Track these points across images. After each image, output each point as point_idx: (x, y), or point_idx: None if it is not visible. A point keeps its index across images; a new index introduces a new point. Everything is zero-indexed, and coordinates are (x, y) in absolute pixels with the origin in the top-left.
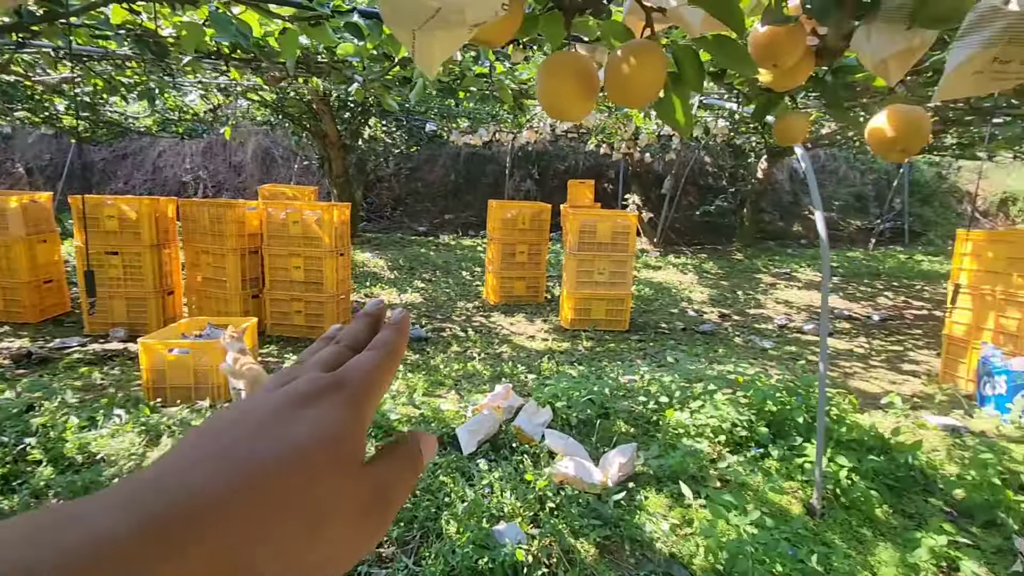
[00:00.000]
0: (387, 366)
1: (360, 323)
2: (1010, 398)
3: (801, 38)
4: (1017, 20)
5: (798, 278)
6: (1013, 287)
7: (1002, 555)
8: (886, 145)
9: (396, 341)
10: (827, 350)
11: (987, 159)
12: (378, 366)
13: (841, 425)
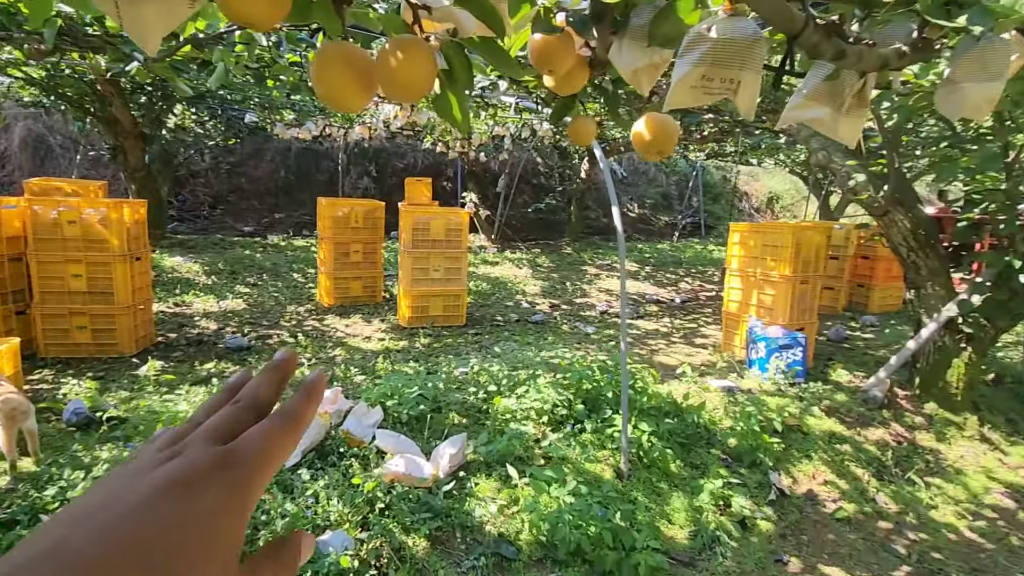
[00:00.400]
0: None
1: (266, 379)
2: (768, 359)
3: (570, 48)
4: (715, 46)
5: (617, 268)
6: (767, 269)
7: (763, 488)
8: (645, 146)
9: (303, 411)
10: (627, 332)
11: (756, 164)
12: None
13: (643, 395)
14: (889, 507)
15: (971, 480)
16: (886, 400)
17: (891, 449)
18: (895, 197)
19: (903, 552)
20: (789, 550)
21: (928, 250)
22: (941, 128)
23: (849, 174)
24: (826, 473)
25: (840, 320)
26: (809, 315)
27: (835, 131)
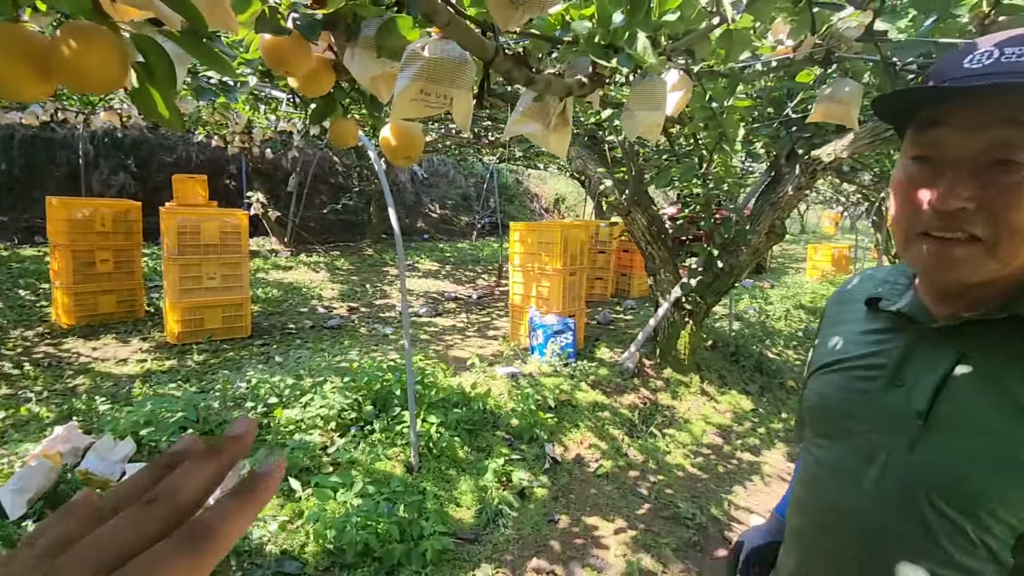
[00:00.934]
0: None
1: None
2: (545, 345)
3: (305, 50)
4: (428, 64)
5: (419, 268)
6: (543, 264)
7: (539, 460)
8: (393, 152)
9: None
10: (409, 328)
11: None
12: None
13: (432, 389)
14: (637, 458)
15: (694, 427)
16: (636, 370)
17: (639, 410)
18: (634, 199)
19: (645, 493)
20: (560, 510)
21: (659, 243)
22: (662, 144)
23: (600, 179)
24: (591, 438)
25: (608, 306)
26: (578, 303)
27: (547, 144)
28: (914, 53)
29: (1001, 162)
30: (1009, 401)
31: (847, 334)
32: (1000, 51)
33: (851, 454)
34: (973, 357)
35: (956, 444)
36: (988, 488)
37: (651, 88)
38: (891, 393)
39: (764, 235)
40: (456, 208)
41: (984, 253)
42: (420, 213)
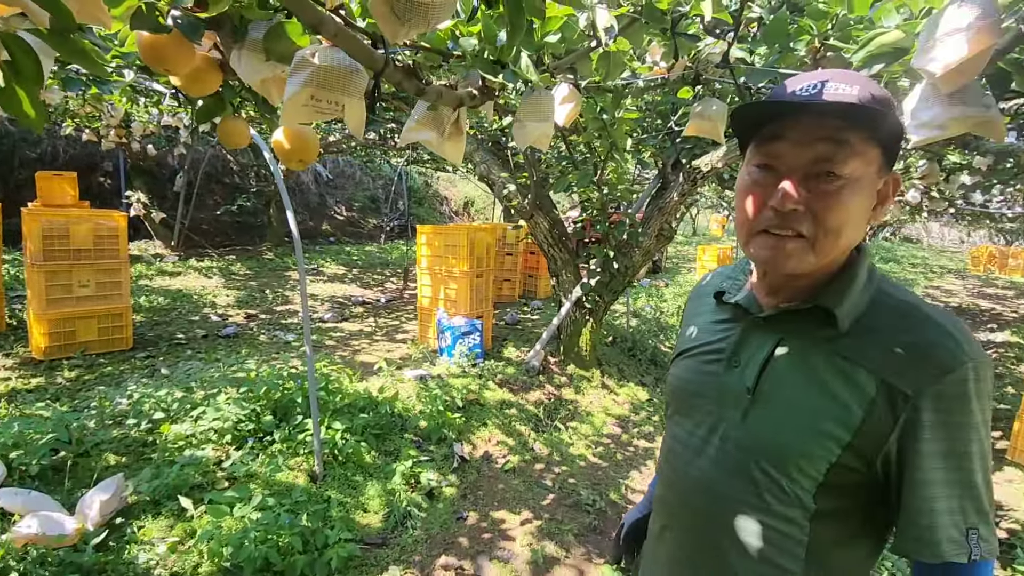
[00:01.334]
0: None
1: None
2: (454, 346)
3: (187, 49)
4: (318, 71)
5: (324, 272)
6: (450, 266)
7: (448, 459)
8: (286, 155)
9: None
10: (312, 335)
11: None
12: None
13: (337, 395)
14: (542, 452)
15: (595, 418)
16: (542, 367)
17: (544, 405)
18: (536, 204)
19: (550, 484)
20: (468, 507)
21: (561, 246)
22: (561, 151)
23: (504, 184)
24: (498, 435)
25: (516, 306)
26: (486, 304)
27: (443, 151)
28: (763, 79)
29: (824, 172)
30: (814, 378)
31: (701, 324)
32: (822, 84)
33: (699, 427)
34: (789, 341)
35: (774, 414)
36: (795, 449)
37: (539, 101)
38: (729, 373)
39: (654, 237)
40: (363, 210)
41: (807, 248)
42: (325, 215)
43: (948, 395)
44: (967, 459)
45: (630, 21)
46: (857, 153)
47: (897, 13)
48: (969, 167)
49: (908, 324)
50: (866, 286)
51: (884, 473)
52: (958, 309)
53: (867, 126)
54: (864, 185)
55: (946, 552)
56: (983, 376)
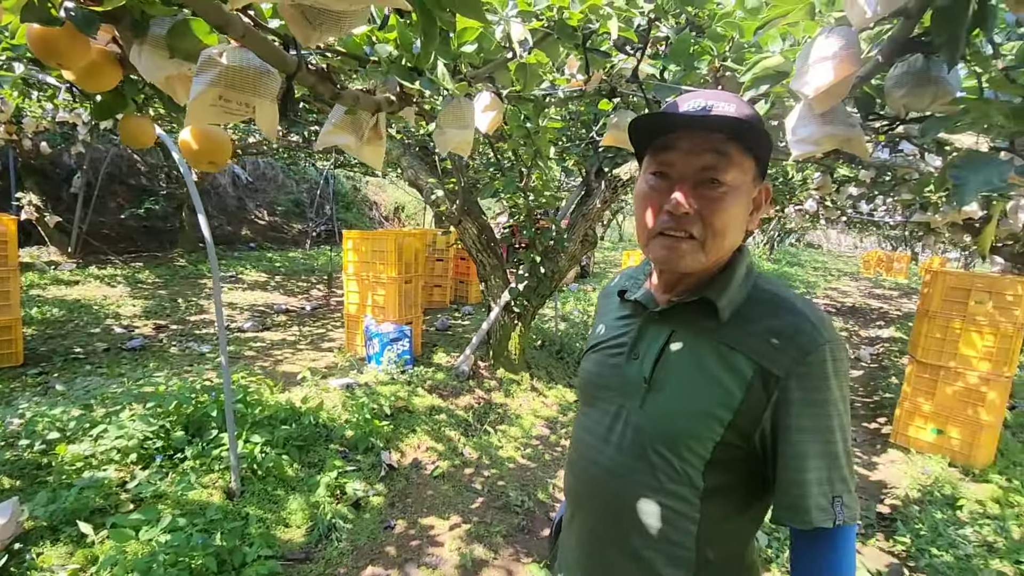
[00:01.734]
0: None
1: None
2: (382, 353)
3: (81, 43)
4: (227, 71)
5: (243, 279)
6: (378, 272)
7: (375, 469)
8: (195, 157)
9: None
10: (228, 345)
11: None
12: None
13: (256, 407)
14: (472, 456)
15: (525, 421)
16: (471, 372)
17: (474, 410)
18: (465, 209)
19: (479, 488)
20: (396, 515)
21: (489, 251)
22: (489, 158)
23: (432, 189)
24: (428, 441)
25: (447, 312)
26: (415, 310)
27: (362, 155)
28: (670, 95)
29: (711, 180)
30: (701, 365)
31: (607, 321)
32: (707, 103)
33: (605, 416)
34: (680, 333)
35: (667, 400)
36: (685, 430)
37: (460, 108)
38: (630, 365)
39: (579, 243)
40: (287, 215)
41: (698, 248)
42: (244, 220)
43: (810, 375)
44: (830, 432)
45: (544, 35)
46: (736, 163)
47: (782, 40)
48: (856, 179)
49: (777, 313)
50: (744, 281)
51: (761, 448)
52: (852, 309)
53: (744, 140)
54: (742, 192)
55: (815, 519)
56: (838, 356)
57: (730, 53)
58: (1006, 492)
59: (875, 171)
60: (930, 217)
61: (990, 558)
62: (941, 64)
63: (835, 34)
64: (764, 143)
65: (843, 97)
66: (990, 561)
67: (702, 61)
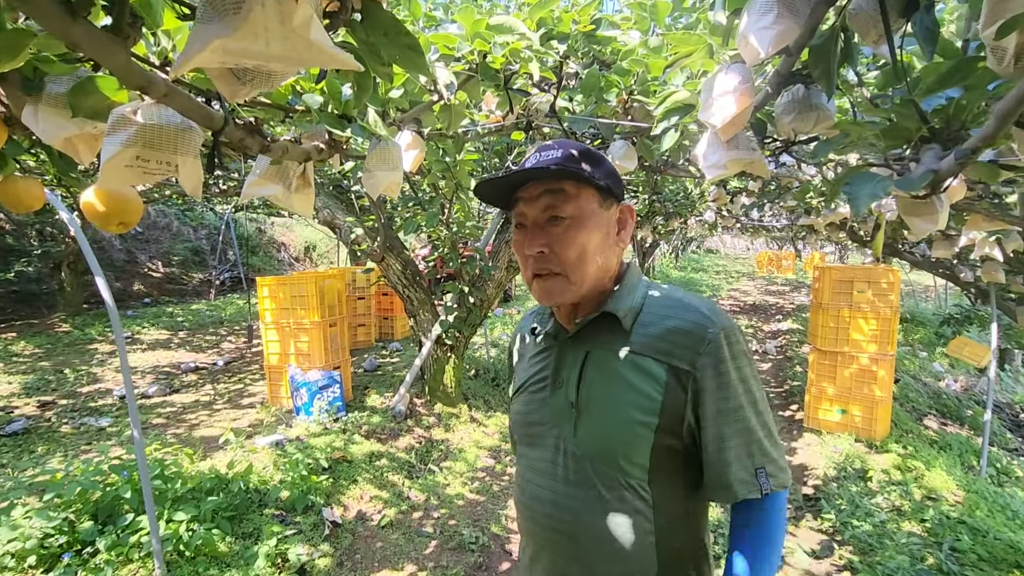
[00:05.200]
0: None
1: None
2: (311, 403)
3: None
4: (143, 129)
5: (141, 340)
6: (299, 317)
7: (317, 528)
8: (101, 218)
9: None
10: (137, 412)
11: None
12: None
13: (176, 481)
14: (419, 498)
15: (468, 454)
16: (408, 411)
17: (415, 450)
18: (387, 246)
19: (431, 531)
20: (346, 575)
21: (415, 285)
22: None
23: (350, 228)
24: (371, 490)
25: (374, 351)
26: (342, 353)
27: (291, 205)
28: (585, 126)
29: (553, 218)
30: (618, 377)
31: (525, 362)
32: (538, 155)
33: (545, 452)
34: (594, 352)
35: (595, 419)
36: (618, 443)
37: (387, 151)
38: (556, 395)
39: (504, 269)
40: (186, 265)
41: (565, 281)
42: (136, 274)
43: (713, 362)
44: (741, 410)
45: (467, 77)
46: (571, 197)
47: (681, 72)
48: (746, 190)
49: (672, 312)
50: (636, 290)
51: (691, 440)
52: (753, 306)
53: (574, 175)
54: (588, 218)
55: (739, 492)
56: (733, 339)
57: (636, 86)
58: (904, 459)
59: (762, 181)
60: (813, 220)
61: (900, 521)
62: (820, 92)
63: (732, 71)
64: (597, 171)
65: (744, 125)
66: (901, 524)
67: (611, 93)
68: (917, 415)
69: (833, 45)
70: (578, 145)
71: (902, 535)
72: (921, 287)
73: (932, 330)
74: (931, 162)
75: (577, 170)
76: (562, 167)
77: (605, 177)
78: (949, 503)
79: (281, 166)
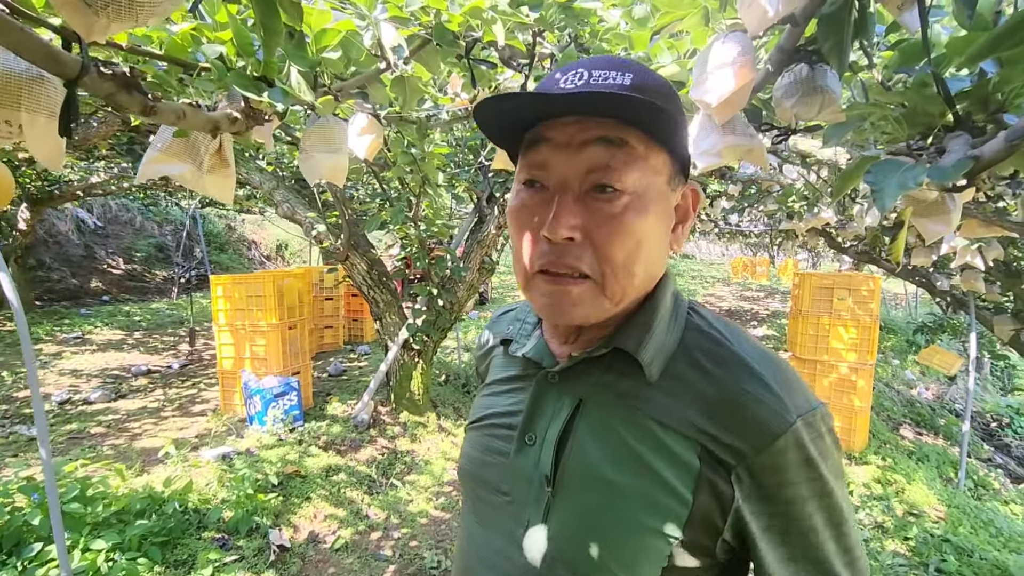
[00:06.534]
0: None
1: None
2: (265, 412)
3: None
4: None
5: (92, 340)
6: (255, 320)
7: (262, 553)
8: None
9: None
10: (45, 422)
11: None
12: None
13: (98, 503)
14: (378, 517)
15: (435, 466)
16: (372, 420)
17: (377, 463)
18: (351, 243)
19: (389, 554)
20: None
21: (382, 287)
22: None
23: (312, 224)
24: (326, 507)
25: (341, 354)
26: (302, 358)
27: (204, 187)
28: None
29: (600, 187)
30: (627, 453)
31: (490, 384)
32: (589, 72)
33: (495, 535)
34: (590, 404)
35: (582, 510)
36: (616, 558)
37: (328, 129)
38: (523, 454)
39: (476, 270)
40: (149, 261)
41: (596, 292)
42: (94, 270)
43: (775, 466)
44: (813, 534)
45: (422, 43)
46: (639, 159)
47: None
48: (726, 193)
49: (721, 370)
50: (672, 320)
51: (730, 558)
52: (729, 312)
53: (650, 124)
54: (653, 200)
55: None
56: (818, 430)
57: None
58: (884, 471)
59: (742, 185)
60: (795, 224)
61: (884, 540)
62: (825, 73)
63: (731, 40)
64: (680, 126)
65: (743, 106)
66: (885, 543)
67: None
68: (893, 424)
69: (847, 14)
70: (653, 75)
71: (887, 555)
72: (891, 294)
73: (904, 338)
74: (963, 149)
75: (661, 116)
76: (640, 104)
77: (680, 138)
78: (931, 519)
79: (189, 139)
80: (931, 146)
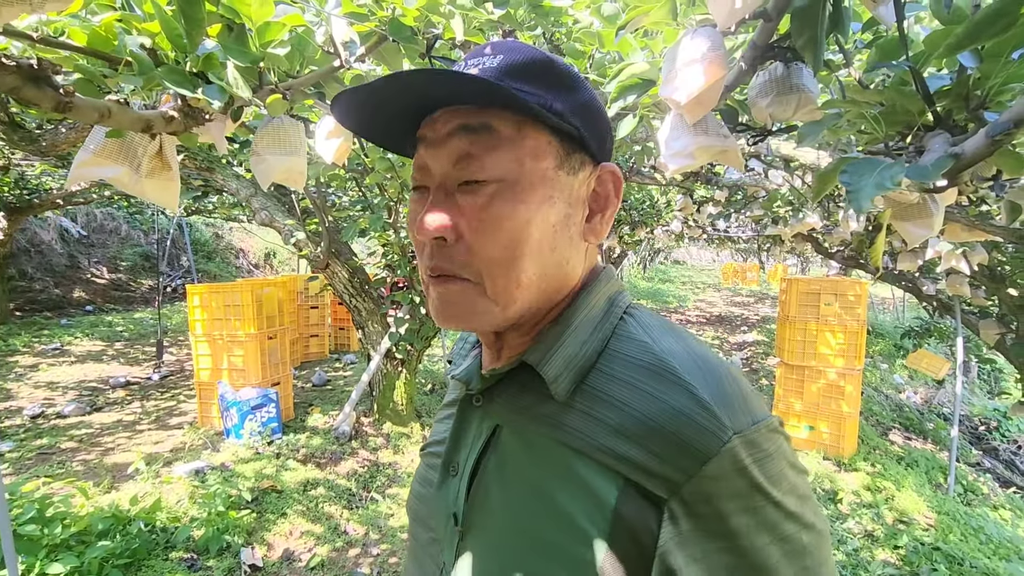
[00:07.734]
0: None
1: None
2: (242, 424)
3: None
4: None
5: (71, 351)
6: (233, 330)
7: (233, 573)
8: None
9: None
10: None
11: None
12: None
13: (56, 524)
14: (357, 533)
15: None
16: (354, 431)
17: (357, 476)
18: (332, 251)
19: (367, 572)
20: None
21: (364, 295)
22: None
23: (292, 232)
24: (302, 524)
25: (326, 363)
26: (283, 368)
27: (142, 193)
28: None
29: (467, 182)
30: (534, 486)
31: (442, 407)
32: (465, 62)
33: (423, 572)
34: (506, 429)
35: (482, 558)
36: None
37: (282, 131)
38: (446, 486)
39: None
40: (134, 271)
41: (477, 293)
42: (78, 280)
43: (709, 495)
44: (766, 572)
45: (378, 39)
46: (505, 142)
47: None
48: (712, 199)
49: (647, 383)
50: (595, 328)
51: None
52: (719, 318)
53: (509, 103)
54: (531, 186)
55: None
56: (762, 449)
57: (591, 70)
58: (873, 478)
59: (728, 190)
60: (780, 229)
61: (874, 548)
62: (801, 71)
63: (700, 35)
64: (558, 100)
65: (714, 105)
66: (875, 552)
67: None
68: (882, 429)
69: (821, 8)
70: (532, 51)
71: (877, 565)
72: (879, 299)
73: (892, 342)
74: (943, 148)
75: (518, 92)
76: (493, 84)
77: (574, 114)
78: (922, 527)
79: (124, 140)
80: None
